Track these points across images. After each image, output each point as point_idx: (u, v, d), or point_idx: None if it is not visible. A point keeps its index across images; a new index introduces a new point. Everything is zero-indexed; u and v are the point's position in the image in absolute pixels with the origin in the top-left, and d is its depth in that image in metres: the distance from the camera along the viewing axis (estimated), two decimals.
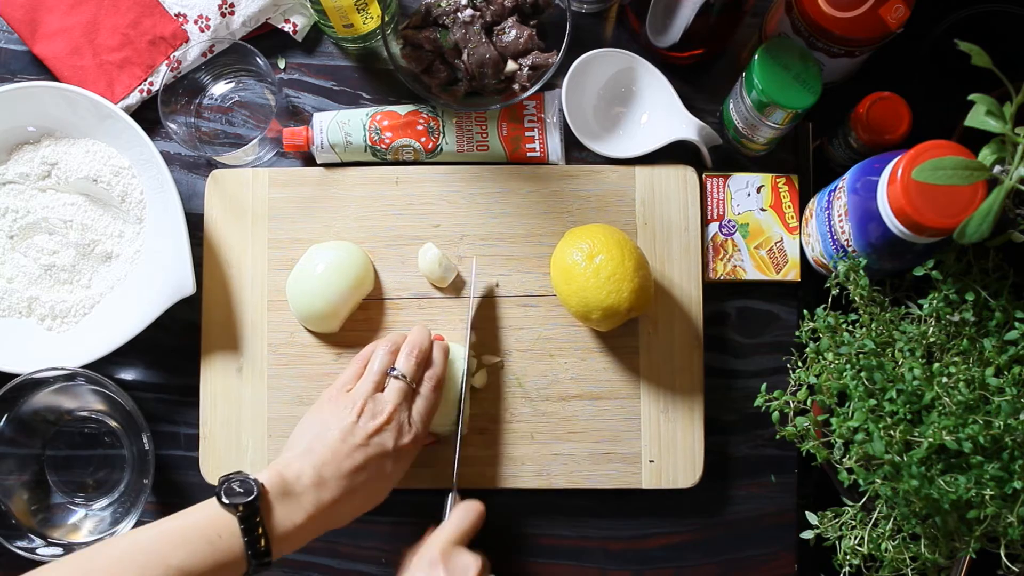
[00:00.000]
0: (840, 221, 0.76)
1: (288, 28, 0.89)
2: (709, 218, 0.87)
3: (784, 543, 0.85)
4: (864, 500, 0.74)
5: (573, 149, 0.88)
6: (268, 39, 0.90)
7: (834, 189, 0.79)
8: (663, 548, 0.86)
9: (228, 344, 0.85)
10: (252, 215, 0.86)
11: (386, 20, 0.83)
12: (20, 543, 0.79)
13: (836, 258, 0.78)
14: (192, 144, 0.87)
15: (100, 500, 0.85)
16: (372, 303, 0.86)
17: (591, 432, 0.84)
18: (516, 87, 0.84)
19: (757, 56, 0.77)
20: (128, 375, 0.87)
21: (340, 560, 0.85)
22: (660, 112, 0.87)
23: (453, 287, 0.85)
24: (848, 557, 0.74)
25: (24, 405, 0.83)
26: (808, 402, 0.74)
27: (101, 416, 0.86)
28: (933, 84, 0.85)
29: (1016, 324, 0.69)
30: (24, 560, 0.79)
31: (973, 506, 0.67)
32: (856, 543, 0.74)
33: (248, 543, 0.65)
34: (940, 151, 0.66)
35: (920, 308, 0.74)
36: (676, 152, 0.87)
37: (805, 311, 0.77)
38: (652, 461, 0.84)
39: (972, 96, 0.66)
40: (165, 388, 0.87)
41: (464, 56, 0.83)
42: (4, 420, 0.82)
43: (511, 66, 0.84)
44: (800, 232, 0.86)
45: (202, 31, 0.88)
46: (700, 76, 0.89)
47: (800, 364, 0.78)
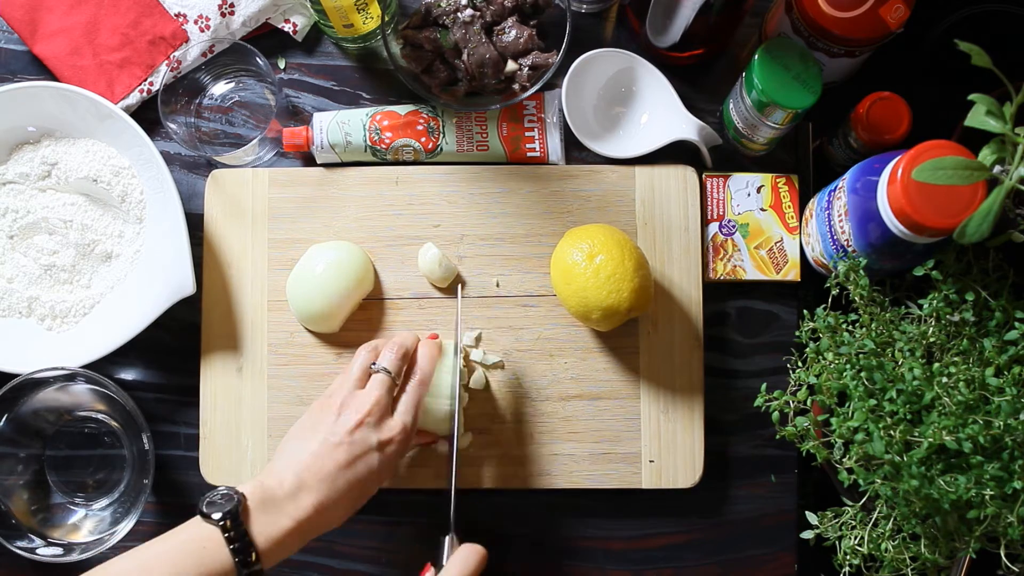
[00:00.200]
0: (840, 221, 0.76)
1: (288, 28, 0.89)
2: (709, 218, 0.87)
3: (784, 543, 0.85)
4: (864, 500, 0.74)
5: (573, 149, 0.88)
6: (268, 39, 0.90)
7: (834, 189, 0.78)
8: (663, 548, 0.86)
9: (228, 344, 0.85)
10: (252, 215, 0.86)
11: (386, 20, 0.83)
12: (20, 543, 0.79)
13: (836, 258, 0.78)
14: (192, 144, 0.87)
15: (100, 500, 0.85)
16: (372, 303, 0.86)
17: (591, 432, 0.84)
18: (516, 87, 0.84)
19: (757, 56, 0.77)
20: (128, 375, 0.87)
21: (339, 560, 0.85)
22: (660, 112, 0.87)
23: (453, 287, 0.85)
24: (848, 557, 0.74)
25: (24, 405, 0.83)
26: (808, 402, 0.74)
27: (101, 416, 0.86)
28: (933, 84, 0.85)
29: (1016, 324, 0.69)
30: (24, 560, 0.79)
31: (973, 506, 0.67)
32: (856, 543, 0.74)
33: (234, 551, 0.65)
34: (940, 151, 0.66)
35: (920, 308, 0.74)
36: (676, 152, 0.87)
37: (805, 311, 0.77)
38: (652, 461, 0.84)
39: (972, 96, 0.66)
40: (165, 388, 0.87)
41: (464, 56, 0.83)
42: (4, 420, 0.82)
43: (511, 66, 0.84)
44: (800, 232, 0.86)
45: (202, 31, 0.88)
46: (700, 76, 0.89)
47: (800, 364, 0.78)
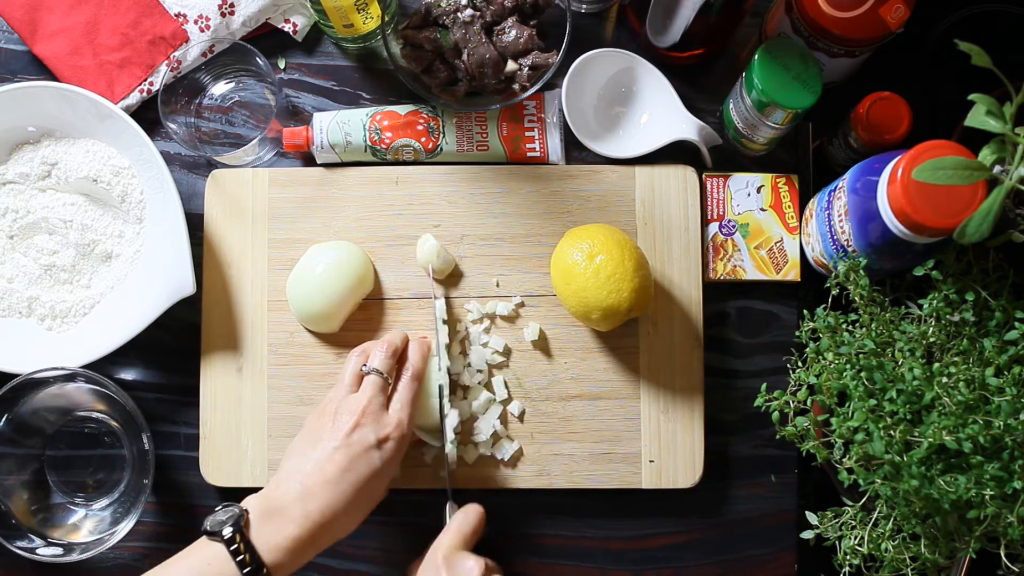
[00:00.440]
0: (840, 221, 0.76)
1: (288, 28, 0.89)
2: (709, 218, 0.87)
3: (784, 543, 0.85)
4: (864, 500, 0.74)
5: (573, 149, 0.88)
6: (268, 39, 0.90)
7: (834, 189, 0.78)
8: (663, 548, 0.86)
9: (228, 344, 0.85)
10: (252, 215, 0.86)
11: (386, 20, 0.83)
12: (20, 543, 0.79)
13: (836, 258, 0.78)
14: (192, 144, 0.86)
15: (100, 500, 0.85)
16: (372, 303, 0.86)
17: (591, 432, 0.84)
18: (516, 87, 0.84)
19: (757, 56, 0.77)
20: (128, 375, 0.87)
21: (339, 560, 0.85)
22: (660, 112, 0.87)
23: (452, 280, 0.86)
24: (848, 557, 0.74)
25: (24, 405, 0.83)
26: (808, 402, 0.74)
27: (101, 416, 0.86)
28: (933, 84, 0.85)
29: (1016, 324, 0.69)
30: (24, 560, 0.79)
31: (973, 506, 0.67)
32: (856, 543, 0.74)
33: (240, 564, 0.65)
34: (940, 151, 0.66)
35: (920, 308, 0.74)
36: (676, 152, 0.87)
37: (805, 311, 0.77)
38: (652, 461, 0.84)
39: (972, 96, 0.66)
40: (165, 388, 0.87)
41: (464, 56, 0.83)
42: (4, 420, 0.82)
43: (511, 66, 0.84)
44: (800, 232, 0.86)
45: (202, 31, 0.88)
46: (700, 76, 0.89)
47: (800, 364, 0.78)
